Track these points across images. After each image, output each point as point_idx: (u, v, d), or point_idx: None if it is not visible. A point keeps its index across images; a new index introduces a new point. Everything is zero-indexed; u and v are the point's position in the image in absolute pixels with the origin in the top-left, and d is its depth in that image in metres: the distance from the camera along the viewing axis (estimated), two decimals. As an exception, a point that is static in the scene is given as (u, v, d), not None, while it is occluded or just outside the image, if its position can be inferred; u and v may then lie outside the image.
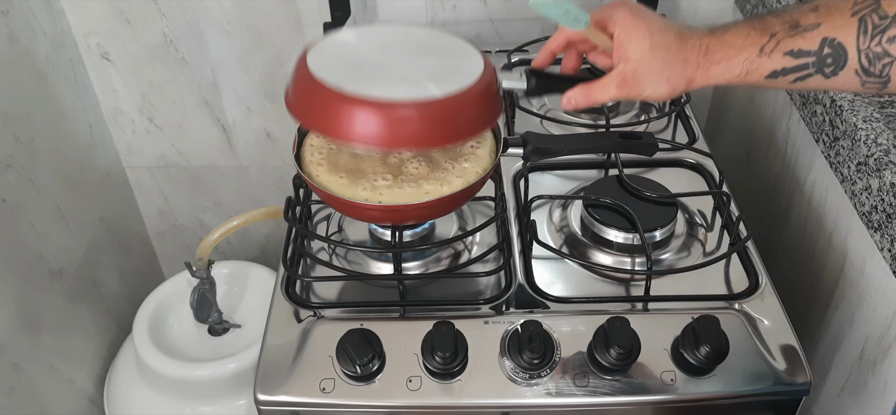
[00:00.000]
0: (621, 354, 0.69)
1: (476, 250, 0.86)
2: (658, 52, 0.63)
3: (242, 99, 1.35)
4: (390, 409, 0.71)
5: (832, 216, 0.88)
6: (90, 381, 1.29)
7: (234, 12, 1.24)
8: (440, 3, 1.23)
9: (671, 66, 0.63)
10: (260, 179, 1.48)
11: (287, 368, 0.72)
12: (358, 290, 0.82)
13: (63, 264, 1.22)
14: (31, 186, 1.13)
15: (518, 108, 1.04)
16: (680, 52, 0.63)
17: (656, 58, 0.63)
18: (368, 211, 0.75)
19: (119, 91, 1.33)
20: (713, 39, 0.63)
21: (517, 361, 0.70)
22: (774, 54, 0.60)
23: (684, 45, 0.63)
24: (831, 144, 0.84)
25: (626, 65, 0.65)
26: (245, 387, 1.16)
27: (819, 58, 0.58)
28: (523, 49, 1.16)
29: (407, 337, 0.73)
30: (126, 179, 1.47)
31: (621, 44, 0.65)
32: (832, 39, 0.58)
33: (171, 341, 1.23)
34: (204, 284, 1.21)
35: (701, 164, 0.97)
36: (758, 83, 0.62)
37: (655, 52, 0.63)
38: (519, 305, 0.78)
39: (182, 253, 1.57)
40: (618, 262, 0.83)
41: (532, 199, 0.89)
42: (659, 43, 0.63)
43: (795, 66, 0.60)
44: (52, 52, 1.20)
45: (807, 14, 0.59)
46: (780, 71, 0.60)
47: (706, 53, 0.63)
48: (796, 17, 0.60)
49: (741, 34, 0.62)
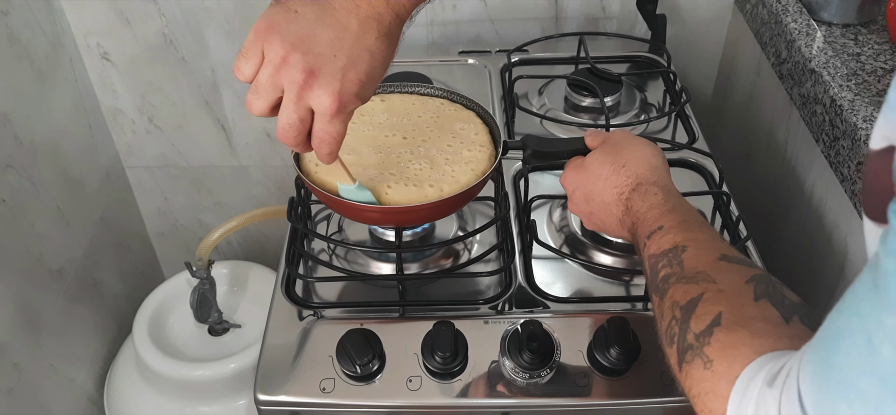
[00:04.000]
0: (621, 354, 0.69)
1: (476, 250, 0.86)
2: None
3: (242, 99, 1.35)
4: (390, 409, 0.71)
5: (832, 216, 0.88)
6: (90, 381, 1.29)
7: (234, 12, 1.24)
8: (440, 3, 1.23)
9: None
10: (260, 179, 1.48)
11: (287, 368, 0.72)
12: (358, 290, 0.82)
13: (63, 264, 1.22)
14: (31, 186, 1.13)
15: (518, 108, 1.04)
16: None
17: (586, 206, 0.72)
18: (368, 213, 0.75)
19: (119, 91, 1.33)
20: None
21: (517, 361, 0.70)
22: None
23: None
24: (831, 144, 0.84)
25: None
26: (245, 387, 1.16)
27: None
28: (523, 49, 1.16)
29: (407, 337, 0.73)
30: (126, 179, 1.47)
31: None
32: None
33: (171, 341, 1.23)
34: (204, 285, 1.21)
35: (701, 164, 0.97)
36: None
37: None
38: (519, 305, 0.78)
39: (182, 253, 1.56)
40: (618, 262, 0.83)
41: (532, 199, 0.89)
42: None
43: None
44: (52, 52, 1.20)
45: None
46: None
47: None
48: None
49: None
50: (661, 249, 0.58)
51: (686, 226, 0.60)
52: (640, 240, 0.62)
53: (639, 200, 0.65)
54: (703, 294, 0.51)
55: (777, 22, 1.00)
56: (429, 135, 0.81)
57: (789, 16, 0.99)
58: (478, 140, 0.81)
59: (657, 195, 0.64)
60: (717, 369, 0.46)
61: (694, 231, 0.59)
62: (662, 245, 0.59)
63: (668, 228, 0.60)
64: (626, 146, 0.70)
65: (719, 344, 0.47)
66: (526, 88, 1.10)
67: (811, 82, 0.89)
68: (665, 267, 0.57)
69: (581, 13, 1.25)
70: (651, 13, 1.16)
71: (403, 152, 0.79)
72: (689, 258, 0.56)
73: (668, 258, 0.57)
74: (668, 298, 0.54)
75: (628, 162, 0.68)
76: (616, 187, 0.67)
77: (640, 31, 1.25)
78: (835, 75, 0.86)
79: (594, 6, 1.24)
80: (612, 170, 0.68)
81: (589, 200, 0.71)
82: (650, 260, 0.59)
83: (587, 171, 0.71)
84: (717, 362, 0.46)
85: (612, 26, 1.26)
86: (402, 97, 0.87)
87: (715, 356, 0.47)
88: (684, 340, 0.50)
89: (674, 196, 0.65)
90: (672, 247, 0.58)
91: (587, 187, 0.71)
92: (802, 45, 0.93)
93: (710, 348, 0.48)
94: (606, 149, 0.71)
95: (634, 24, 1.26)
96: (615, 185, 0.67)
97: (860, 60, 0.90)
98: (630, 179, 0.67)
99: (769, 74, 1.06)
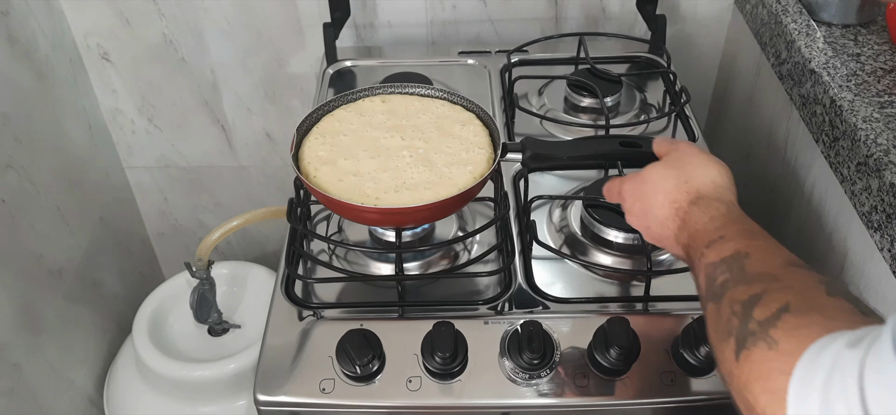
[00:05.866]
0: (621, 354, 0.69)
1: (476, 251, 0.86)
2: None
3: (242, 99, 1.35)
4: (390, 409, 0.71)
5: (832, 216, 0.88)
6: (90, 381, 1.29)
7: (234, 12, 1.24)
8: (440, 4, 1.23)
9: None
10: (260, 179, 1.48)
11: (287, 368, 0.72)
12: (358, 290, 0.82)
13: (63, 265, 1.22)
14: (31, 187, 1.13)
15: (518, 108, 1.04)
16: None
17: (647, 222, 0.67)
18: (367, 214, 0.75)
19: (119, 91, 1.33)
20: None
21: (517, 361, 0.70)
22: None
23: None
24: (831, 144, 0.84)
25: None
26: (245, 387, 1.16)
27: None
28: (523, 49, 1.16)
29: (407, 337, 0.73)
30: (126, 179, 1.47)
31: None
32: None
33: (171, 342, 1.23)
34: (204, 285, 1.20)
35: (701, 164, 0.97)
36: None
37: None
38: (519, 305, 0.78)
39: (182, 253, 1.56)
40: (618, 262, 0.83)
41: (532, 199, 0.89)
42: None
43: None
44: (52, 52, 1.20)
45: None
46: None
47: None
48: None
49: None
50: (721, 257, 0.54)
51: (750, 235, 0.56)
52: (697, 251, 0.58)
53: (698, 214, 0.60)
54: (767, 290, 0.47)
55: (777, 22, 1.00)
56: (428, 136, 0.81)
57: (789, 16, 0.99)
58: (477, 142, 0.81)
59: (719, 208, 0.60)
60: (784, 347, 0.41)
61: (758, 240, 0.55)
62: (722, 253, 0.54)
63: (729, 238, 0.55)
64: (691, 160, 0.65)
65: (787, 325, 0.43)
66: (526, 89, 1.10)
67: (811, 83, 0.89)
68: (724, 273, 0.53)
69: (581, 13, 1.25)
70: (651, 13, 1.16)
71: (402, 155, 0.79)
72: (752, 263, 0.52)
73: (728, 264, 0.53)
74: (726, 299, 0.50)
75: (691, 177, 0.63)
76: (675, 202, 0.63)
77: (640, 31, 1.25)
78: (835, 76, 0.86)
79: (594, 6, 1.24)
80: (674, 184, 0.64)
81: (646, 215, 0.66)
82: (707, 269, 0.55)
83: (648, 183, 0.66)
84: (784, 340, 0.42)
85: (612, 27, 1.26)
86: (403, 98, 0.87)
87: (781, 337, 0.42)
88: (745, 327, 0.45)
89: (737, 210, 0.60)
90: (733, 253, 0.53)
91: (646, 201, 0.66)
92: (802, 45, 0.93)
93: (776, 330, 0.43)
94: (670, 162, 0.66)
95: (634, 24, 1.26)
96: (674, 199, 0.63)
97: (860, 61, 0.90)
98: (690, 194, 0.62)
99: (769, 75, 1.06)
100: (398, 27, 1.26)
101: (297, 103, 1.35)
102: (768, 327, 0.44)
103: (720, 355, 0.49)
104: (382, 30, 1.26)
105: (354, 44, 1.28)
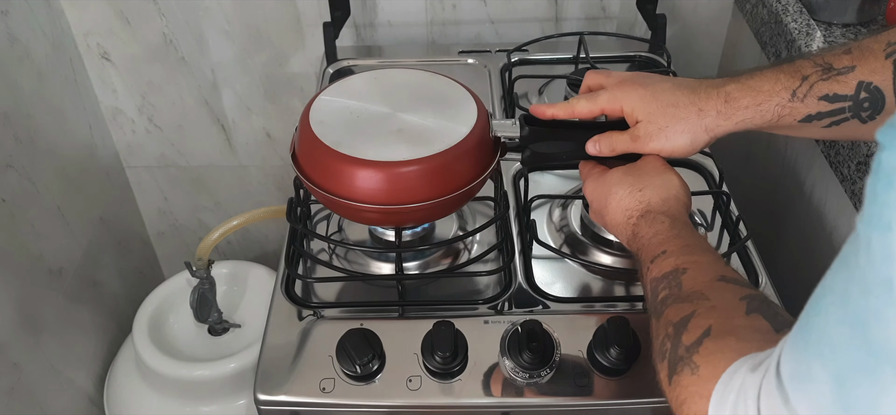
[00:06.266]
0: (621, 354, 0.69)
1: (476, 250, 0.86)
2: (667, 110, 0.66)
3: (242, 99, 1.35)
4: (390, 409, 0.71)
5: (832, 216, 0.88)
6: (90, 381, 1.29)
7: (234, 12, 1.24)
8: (440, 3, 1.23)
9: (684, 119, 0.65)
10: (260, 179, 1.48)
11: (287, 368, 0.72)
12: (358, 290, 0.82)
13: (63, 264, 1.22)
14: (31, 186, 1.13)
15: (518, 108, 1.04)
16: (693, 105, 0.65)
17: (665, 115, 0.66)
18: (367, 213, 0.74)
19: (119, 91, 1.33)
20: (736, 86, 0.63)
21: (517, 361, 0.70)
22: (808, 99, 0.59)
23: (697, 98, 0.65)
24: (831, 144, 0.84)
25: (637, 128, 0.68)
26: (245, 387, 1.16)
27: (856, 102, 0.57)
28: (523, 49, 1.16)
29: (407, 337, 0.73)
30: (126, 179, 1.47)
31: (631, 114, 0.68)
32: (869, 83, 0.56)
33: (171, 341, 1.23)
34: (204, 284, 1.20)
35: (701, 164, 0.97)
36: (789, 129, 0.63)
37: (664, 110, 0.66)
38: (519, 304, 0.78)
39: (182, 253, 1.56)
40: (618, 261, 0.83)
41: (532, 198, 0.89)
42: (667, 101, 0.66)
43: (831, 110, 0.59)
44: (52, 52, 1.20)
45: (840, 56, 0.58)
46: (815, 115, 0.59)
47: (727, 100, 0.64)
48: (829, 60, 0.59)
49: (770, 78, 0.61)
50: (662, 272, 0.58)
51: (689, 250, 0.58)
52: (644, 265, 0.61)
53: (645, 227, 0.63)
54: (696, 311, 0.51)
55: (777, 22, 1.00)
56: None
57: (789, 16, 0.99)
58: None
59: (664, 223, 0.62)
60: (703, 373, 0.46)
61: (696, 255, 0.58)
62: (663, 268, 0.58)
63: (670, 253, 0.58)
64: (648, 172, 0.67)
65: (706, 350, 0.47)
66: (526, 88, 1.10)
67: (811, 82, 0.89)
68: (664, 289, 0.56)
69: (581, 13, 1.25)
70: (651, 13, 1.16)
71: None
72: (688, 279, 0.55)
73: (668, 280, 0.56)
74: (663, 318, 0.54)
75: (646, 187, 0.65)
76: (627, 210, 0.65)
77: (640, 31, 1.25)
78: (835, 75, 0.86)
79: (594, 6, 1.24)
80: (628, 192, 0.66)
81: (602, 215, 0.70)
82: (651, 284, 0.59)
83: (606, 185, 0.69)
84: (703, 366, 0.46)
85: (612, 26, 1.26)
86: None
87: (701, 362, 0.47)
88: (675, 353, 0.50)
89: (681, 224, 0.62)
90: (672, 270, 0.57)
91: (602, 202, 0.69)
92: (802, 45, 0.93)
93: (698, 355, 0.47)
94: (629, 169, 0.68)
95: (634, 24, 1.26)
96: (627, 207, 0.66)
97: (860, 60, 0.90)
98: (642, 204, 0.65)
99: (769, 74, 1.06)
100: (398, 27, 1.26)
101: (297, 103, 1.35)
102: (693, 352, 0.48)
103: (659, 375, 0.52)
104: (382, 29, 1.27)
105: (354, 43, 1.28)
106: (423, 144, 0.72)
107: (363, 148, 0.71)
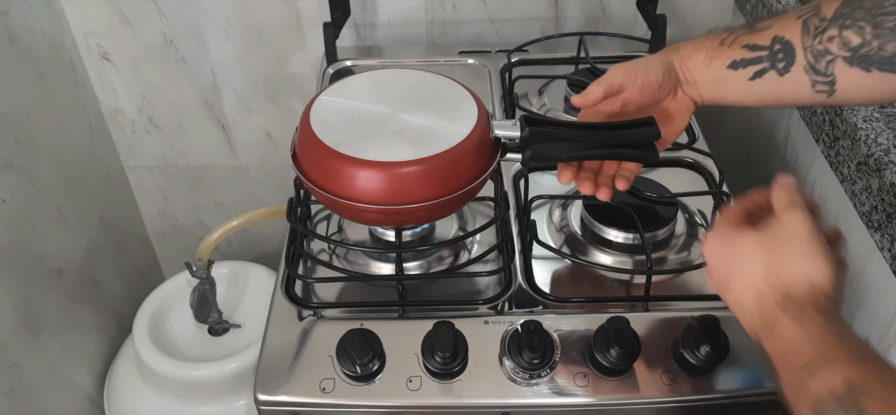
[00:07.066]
0: (621, 354, 0.69)
1: (476, 250, 0.86)
2: (639, 61, 0.74)
3: (242, 99, 1.35)
4: (390, 409, 0.71)
5: (832, 216, 0.88)
6: (90, 381, 1.29)
7: (234, 12, 1.24)
8: (440, 3, 1.23)
9: (651, 58, 0.74)
10: (260, 179, 1.48)
11: (287, 368, 0.72)
12: (358, 290, 0.82)
13: (63, 264, 1.22)
14: (31, 186, 1.13)
15: (518, 108, 1.04)
16: (657, 55, 0.75)
17: (637, 62, 0.74)
18: (368, 213, 0.74)
19: (119, 91, 1.33)
20: (686, 42, 0.74)
21: (517, 361, 0.70)
22: (734, 46, 0.69)
23: (660, 53, 0.75)
24: (831, 144, 0.84)
25: (612, 75, 0.74)
26: (245, 387, 1.16)
27: (771, 52, 0.67)
28: (523, 49, 1.16)
29: (407, 337, 0.73)
30: (126, 179, 1.47)
31: (615, 80, 0.74)
32: (781, 37, 0.66)
33: (171, 341, 1.23)
34: (204, 285, 1.20)
35: (701, 164, 0.97)
36: (728, 84, 0.71)
37: (637, 62, 0.74)
38: (519, 305, 0.78)
39: (182, 253, 1.57)
40: (618, 262, 0.83)
41: (532, 199, 0.89)
42: (638, 59, 0.74)
43: (752, 58, 0.68)
44: (52, 52, 1.20)
45: (762, 21, 0.70)
46: (740, 61, 0.69)
47: (678, 49, 0.74)
48: (753, 22, 0.70)
49: (708, 36, 0.73)
50: (830, 391, 0.47)
51: (861, 358, 0.49)
52: (791, 371, 0.51)
53: (788, 324, 0.52)
54: None
55: (777, 22, 1.00)
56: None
57: (789, 16, 0.98)
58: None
59: (816, 320, 0.52)
60: None
61: (873, 366, 0.48)
62: (831, 384, 0.47)
63: (834, 360, 0.49)
64: (789, 246, 0.55)
65: None
66: (526, 88, 1.10)
67: (811, 82, 0.89)
68: None
69: (581, 13, 1.25)
70: (651, 13, 1.16)
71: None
72: (873, 404, 0.45)
73: (842, 404, 0.46)
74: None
75: (783, 270, 0.55)
76: (759, 295, 0.55)
77: (640, 31, 1.25)
78: (835, 75, 0.86)
79: (594, 6, 1.24)
80: (761, 272, 0.55)
81: (725, 288, 0.60)
82: (816, 406, 0.48)
83: (733, 252, 0.59)
84: None
85: (612, 26, 1.26)
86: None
87: None
88: None
89: (837, 324, 0.51)
90: (847, 389, 0.47)
91: (727, 273, 0.59)
92: (802, 45, 0.93)
93: None
94: (765, 239, 0.57)
95: (634, 24, 1.26)
96: (760, 292, 0.55)
97: (860, 60, 0.90)
98: (777, 291, 0.54)
99: (769, 74, 1.06)
100: (398, 27, 1.26)
101: (297, 103, 1.35)
102: None
103: None
104: (382, 29, 1.27)
105: (354, 43, 1.28)
106: (424, 144, 0.72)
107: (363, 148, 0.71)
